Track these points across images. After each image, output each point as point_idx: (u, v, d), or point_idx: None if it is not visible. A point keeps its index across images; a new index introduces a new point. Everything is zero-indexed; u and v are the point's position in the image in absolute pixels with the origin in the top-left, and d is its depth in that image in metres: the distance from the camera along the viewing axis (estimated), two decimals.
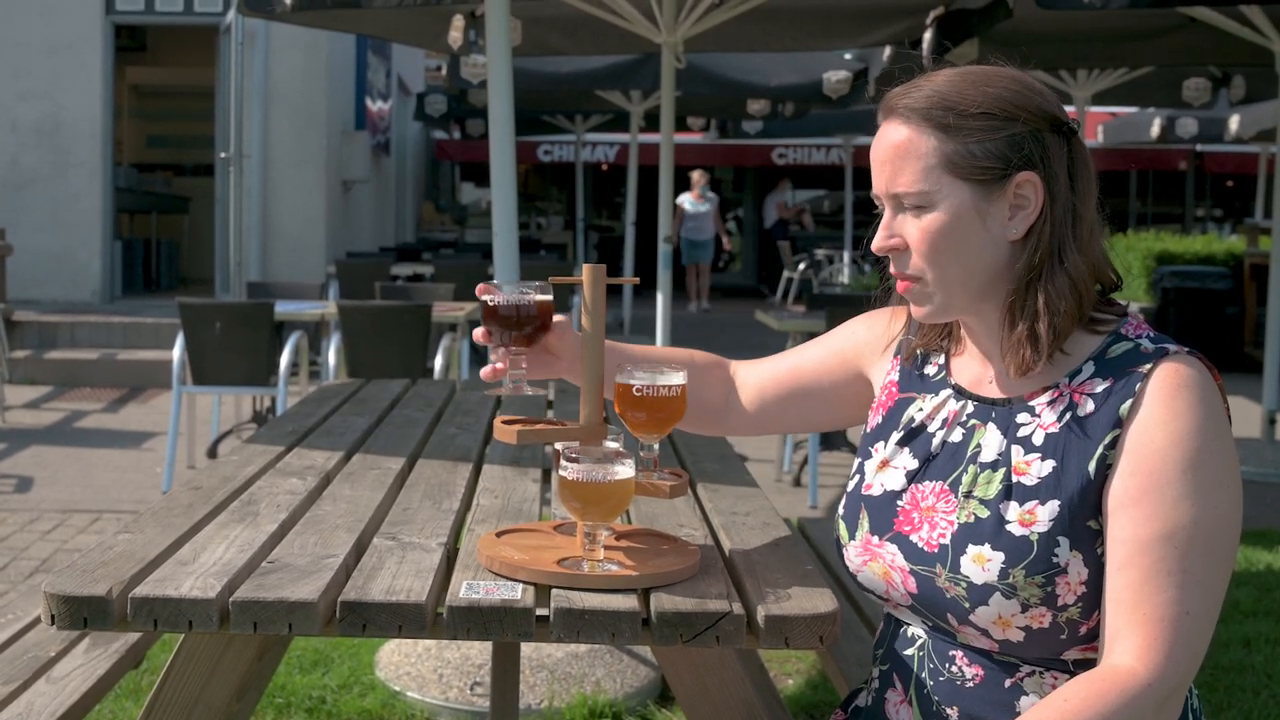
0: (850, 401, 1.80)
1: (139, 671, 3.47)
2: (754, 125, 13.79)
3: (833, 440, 6.48)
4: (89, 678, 2.29)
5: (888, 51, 7.97)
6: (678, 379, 1.70)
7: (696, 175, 17.11)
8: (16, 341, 9.72)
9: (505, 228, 4.26)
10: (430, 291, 7.27)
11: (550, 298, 1.75)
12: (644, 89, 11.11)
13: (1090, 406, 1.50)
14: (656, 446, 1.75)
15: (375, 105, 14.94)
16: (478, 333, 1.77)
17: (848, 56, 9.43)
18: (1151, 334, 1.54)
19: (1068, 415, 1.51)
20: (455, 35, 5.85)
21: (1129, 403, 1.47)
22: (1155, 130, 13.92)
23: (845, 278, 16.80)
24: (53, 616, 1.48)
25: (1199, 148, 19.55)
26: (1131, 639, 1.41)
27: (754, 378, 1.87)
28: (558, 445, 1.71)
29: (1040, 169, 1.51)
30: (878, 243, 1.57)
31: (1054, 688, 1.49)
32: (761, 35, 6.99)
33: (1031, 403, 1.54)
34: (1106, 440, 1.47)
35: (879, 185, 1.57)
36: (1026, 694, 1.51)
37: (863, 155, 17.89)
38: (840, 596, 1.88)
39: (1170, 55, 7.66)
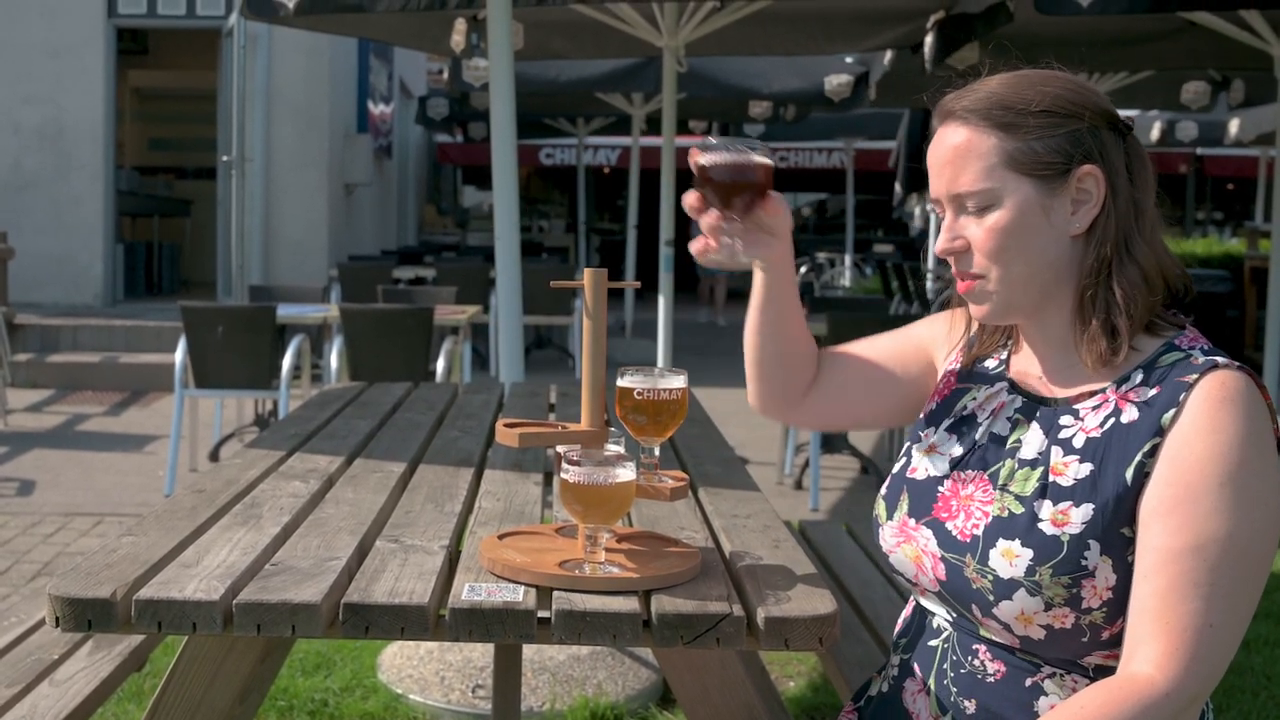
0: (923, 394, 1.80)
1: (142, 674, 3.48)
2: (755, 128, 13.79)
3: (834, 443, 6.49)
4: (92, 680, 2.29)
5: (889, 55, 7.99)
6: (678, 383, 1.71)
7: None
8: (18, 344, 9.73)
9: (507, 231, 4.27)
10: (432, 295, 7.28)
11: (771, 162, 1.62)
12: (646, 92, 11.13)
13: (1134, 414, 1.50)
14: (657, 450, 1.75)
15: (377, 108, 14.96)
16: (689, 198, 1.65)
17: (849, 60, 9.45)
18: (1205, 346, 1.54)
19: (1110, 421, 1.51)
20: (457, 39, 5.86)
21: (1172, 412, 1.47)
22: (1155, 133, 13.93)
23: (846, 281, 16.81)
24: (57, 619, 1.49)
25: (1199, 151, 19.55)
26: (1153, 647, 1.40)
27: (834, 367, 1.83)
28: (559, 448, 1.71)
29: (1101, 163, 1.53)
30: (941, 246, 1.58)
31: (1074, 691, 1.50)
32: (763, 39, 7.00)
33: (1076, 406, 1.56)
34: (1146, 448, 1.47)
35: (938, 188, 1.58)
36: (1046, 694, 1.52)
37: (863, 158, 17.91)
38: (840, 598, 1.89)
39: (1170, 59, 7.67)
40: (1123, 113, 1.57)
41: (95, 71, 11.52)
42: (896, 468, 1.71)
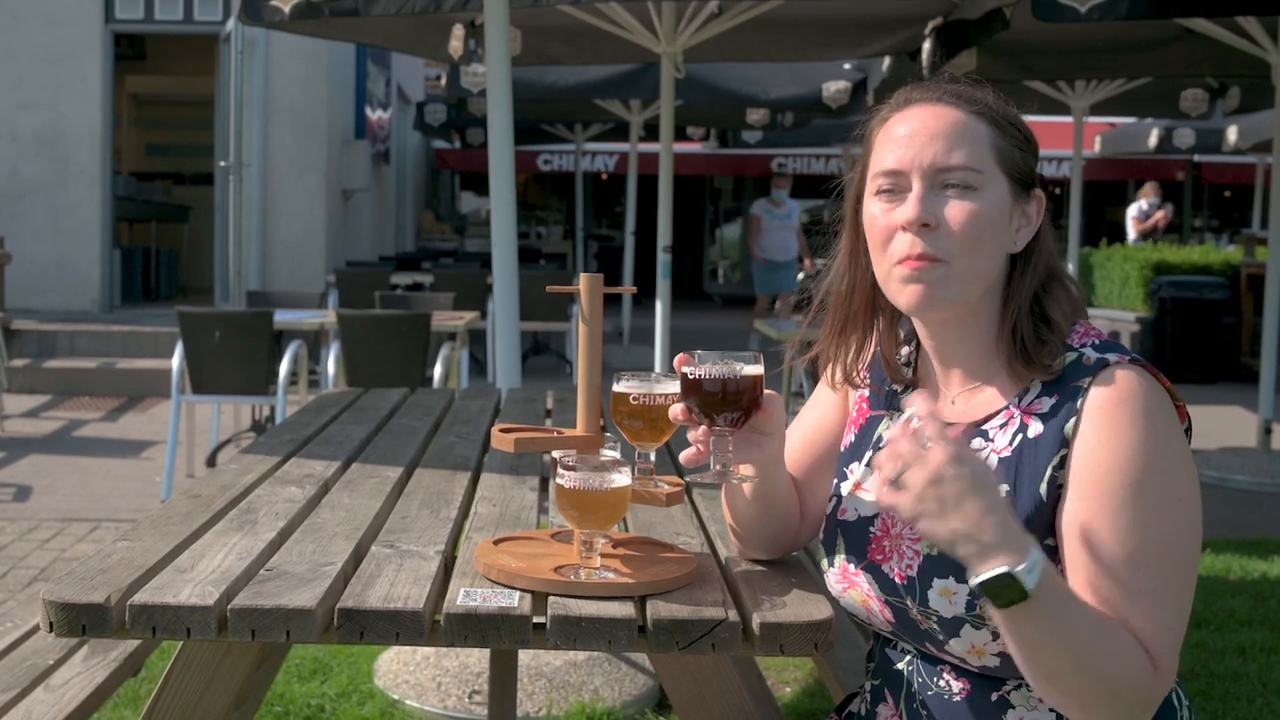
0: None
1: (137, 680, 3.47)
2: (753, 135, 13.82)
3: None
4: (87, 686, 2.29)
5: (887, 62, 8.01)
6: (673, 388, 1.71)
7: (778, 179, 12.96)
8: (15, 350, 9.72)
9: (505, 237, 4.27)
10: (430, 300, 7.28)
11: (761, 370, 1.57)
12: (644, 98, 11.14)
13: (1039, 427, 1.50)
14: (653, 455, 1.75)
15: (375, 114, 14.97)
16: (675, 410, 1.60)
17: (847, 67, 9.47)
18: (1097, 341, 1.54)
19: (1018, 438, 1.51)
20: (455, 44, 5.87)
21: (1072, 421, 1.47)
22: (1153, 140, 13.94)
23: None
24: (51, 624, 1.48)
25: (1196, 158, 19.60)
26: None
27: (803, 501, 1.75)
28: (555, 454, 1.71)
29: (1043, 192, 1.59)
30: (918, 214, 1.51)
31: (1041, 700, 1.50)
32: (761, 45, 7.01)
33: (985, 427, 1.55)
34: (1054, 461, 1.47)
35: (919, 159, 1.52)
36: (1013, 707, 1.52)
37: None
38: (835, 604, 1.89)
39: (1167, 66, 7.70)
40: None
41: (93, 77, 11.52)
42: (829, 509, 1.68)
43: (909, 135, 1.54)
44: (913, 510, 1.36)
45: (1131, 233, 16.05)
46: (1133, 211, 16.28)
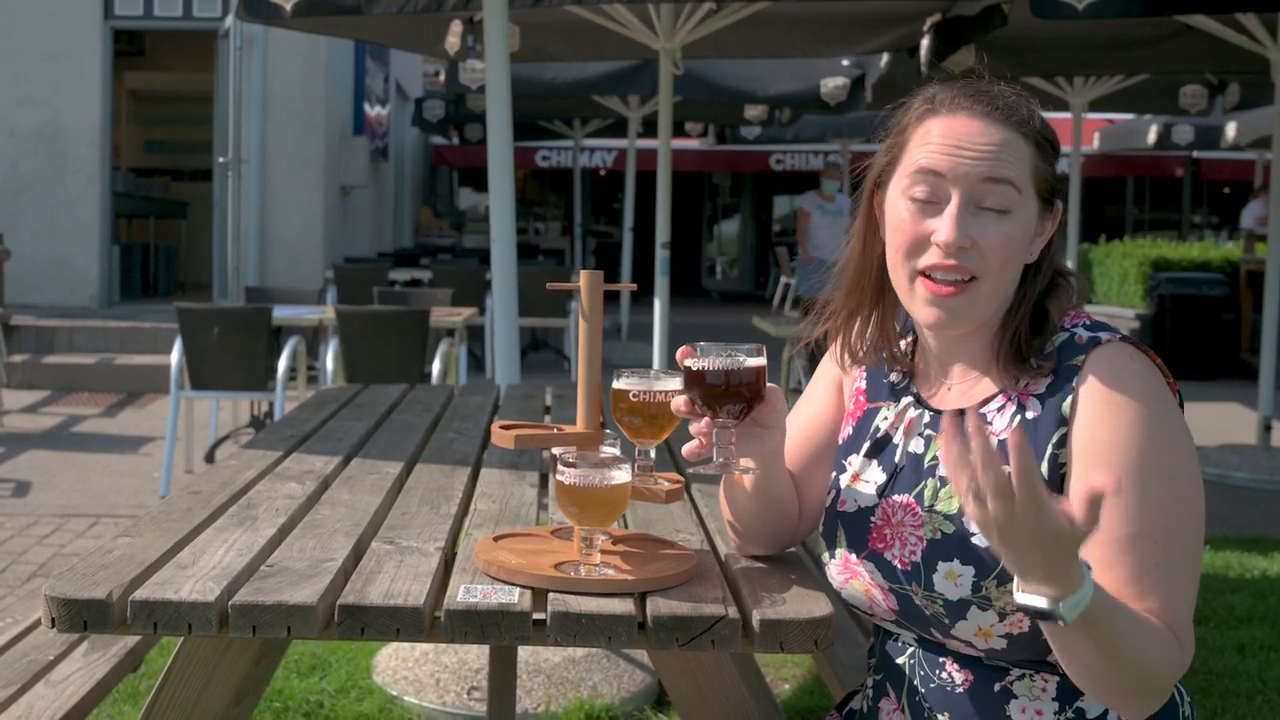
0: None
1: (137, 675, 3.47)
2: (751, 131, 13.81)
3: None
4: (88, 681, 2.29)
5: (885, 58, 8.00)
6: (673, 385, 1.71)
7: (830, 170, 11.75)
8: (14, 346, 9.72)
9: (503, 233, 4.27)
10: (428, 297, 7.27)
11: (764, 362, 1.57)
12: (642, 95, 11.14)
13: (1036, 409, 1.52)
14: (653, 452, 1.75)
15: (374, 110, 14.96)
16: (678, 403, 1.59)
17: (845, 63, 9.45)
18: (1088, 321, 1.56)
19: (1016, 419, 1.53)
20: (453, 41, 5.86)
21: (1069, 400, 1.48)
22: (1152, 137, 13.95)
23: None
24: (53, 619, 1.49)
25: (1195, 154, 19.60)
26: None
27: (801, 497, 1.75)
28: (555, 450, 1.72)
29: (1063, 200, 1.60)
30: (956, 238, 1.50)
31: (1044, 690, 1.51)
32: (759, 42, 7.01)
33: (983, 410, 1.56)
34: (1054, 439, 1.49)
35: (965, 173, 1.51)
36: (1016, 697, 1.53)
37: (859, 161, 17.88)
38: (835, 601, 1.89)
39: (1166, 62, 7.70)
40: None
41: (91, 74, 11.50)
42: (828, 501, 1.69)
43: (956, 145, 1.52)
44: (983, 526, 1.31)
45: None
46: (1259, 211, 14.79)
